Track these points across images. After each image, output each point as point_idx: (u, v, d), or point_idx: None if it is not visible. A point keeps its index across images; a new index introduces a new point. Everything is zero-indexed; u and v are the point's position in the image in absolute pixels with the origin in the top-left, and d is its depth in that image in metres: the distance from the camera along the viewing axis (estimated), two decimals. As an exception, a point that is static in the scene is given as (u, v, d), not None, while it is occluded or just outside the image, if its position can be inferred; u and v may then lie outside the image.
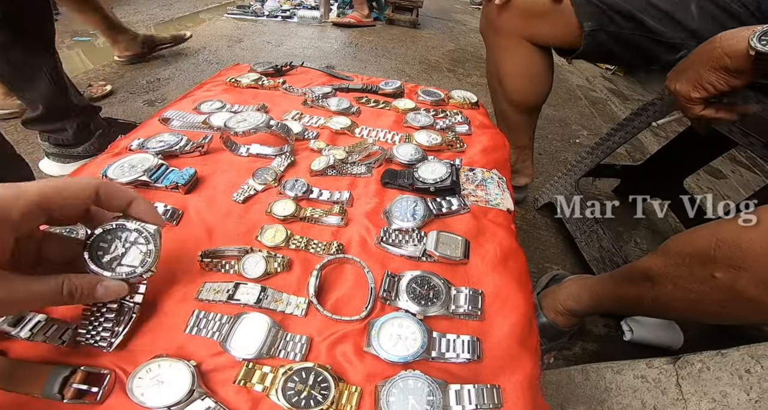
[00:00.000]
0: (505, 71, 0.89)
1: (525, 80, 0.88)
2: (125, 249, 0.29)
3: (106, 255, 0.29)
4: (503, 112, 0.97)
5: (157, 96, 1.40)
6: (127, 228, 0.29)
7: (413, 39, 2.51)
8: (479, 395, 0.30)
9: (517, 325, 0.37)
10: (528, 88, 0.89)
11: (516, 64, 0.87)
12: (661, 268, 0.53)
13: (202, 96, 0.61)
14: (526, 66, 0.86)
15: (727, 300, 0.45)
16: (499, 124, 0.99)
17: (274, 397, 0.29)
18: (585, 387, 0.64)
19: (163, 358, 0.29)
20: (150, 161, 0.42)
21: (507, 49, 0.86)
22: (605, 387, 0.62)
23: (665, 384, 0.55)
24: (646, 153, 1.62)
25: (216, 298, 0.33)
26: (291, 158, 0.49)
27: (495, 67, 0.91)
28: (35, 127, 0.95)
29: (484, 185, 0.52)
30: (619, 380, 0.61)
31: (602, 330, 0.88)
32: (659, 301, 0.54)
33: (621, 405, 0.58)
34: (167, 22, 2.26)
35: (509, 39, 0.83)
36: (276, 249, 0.38)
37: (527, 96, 0.90)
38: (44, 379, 0.27)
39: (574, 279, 0.76)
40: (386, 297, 0.36)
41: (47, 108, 0.89)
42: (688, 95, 0.54)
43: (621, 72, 2.56)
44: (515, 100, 0.92)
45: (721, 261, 0.44)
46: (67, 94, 0.92)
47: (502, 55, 0.88)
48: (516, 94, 0.90)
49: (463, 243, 0.41)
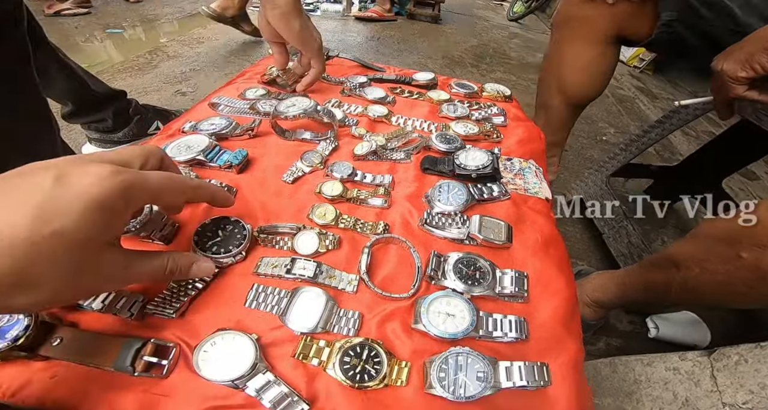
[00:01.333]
0: (570, 63, 0.87)
1: (589, 73, 0.86)
2: (224, 235, 0.36)
3: (209, 241, 0.35)
4: (549, 106, 0.95)
5: (188, 86, 1.44)
6: (229, 221, 0.36)
7: (435, 34, 2.50)
8: (529, 372, 0.31)
9: (560, 308, 0.38)
10: (588, 83, 0.87)
11: (584, 57, 0.85)
12: (689, 252, 0.54)
13: (244, 84, 0.63)
14: (596, 60, 0.84)
15: (754, 279, 0.46)
16: (538, 118, 0.98)
17: (332, 371, 0.29)
18: (612, 380, 0.64)
19: (227, 332, 0.30)
20: (205, 142, 0.44)
21: (578, 41, 0.84)
22: (634, 380, 0.61)
23: (699, 376, 0.54)
24: (675, 152, 1.58)
25: (274, 273, 0.35)
26: (335, 143, 0.51)
27: (557, 59, 0.89)
28: (75, 121, 0.99)
29: (522, 174, 0.52)
30: (650, 372, 0.60)
31: (627, 326, 0.87)
32: (687, 286, 0.55)
33: (651, 397, 0.58)
34: (194, 15, 2.31)
35: (587, 32, 0.81)
36: (326, 227, 0.40)
37: (586, 90, 0.88)
38: (116, 352, 0.27)
39: (600, 273, 0.76)
40: (433, 276, 0.37)
41: (75, 103, 0.93)
42: (734, 74, 0.53)
43: (650, 70, 2.49)
44: (571, 94, 0.89)
45: (746, 240, 0.46)
46: (87, 87, 0.94)
47: (570, 47, 0.85)
48: (575, 87, 0.88)
49: (506, 228, 0.42)
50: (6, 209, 0.20)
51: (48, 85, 0.86)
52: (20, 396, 0.27)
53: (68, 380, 0.27)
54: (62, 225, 0.20)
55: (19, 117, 0.69)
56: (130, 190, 0.23)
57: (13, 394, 0.27)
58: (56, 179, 0.21)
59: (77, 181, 0.21)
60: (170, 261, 0.28)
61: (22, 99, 0.69)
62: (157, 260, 0.28)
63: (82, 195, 0.21)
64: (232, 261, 0.35)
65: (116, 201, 0.22)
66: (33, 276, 0.20)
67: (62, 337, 0.28)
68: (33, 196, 0.20)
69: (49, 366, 0.28)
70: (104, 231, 0.23)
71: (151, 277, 0.28)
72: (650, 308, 0.87)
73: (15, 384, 0.27)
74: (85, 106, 0.95)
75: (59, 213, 0.20)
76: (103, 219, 0.22)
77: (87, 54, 1.60)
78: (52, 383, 0.27)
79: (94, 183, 0.21)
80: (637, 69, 2.52)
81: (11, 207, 0.20)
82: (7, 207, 0.20)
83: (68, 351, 0.28)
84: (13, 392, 0.27)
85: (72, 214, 0.21)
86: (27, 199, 0.20)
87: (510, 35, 2.85)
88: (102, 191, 0.22)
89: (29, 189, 0.20)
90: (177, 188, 0.28)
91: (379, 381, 0.29)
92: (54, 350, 0.28)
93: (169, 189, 0.26)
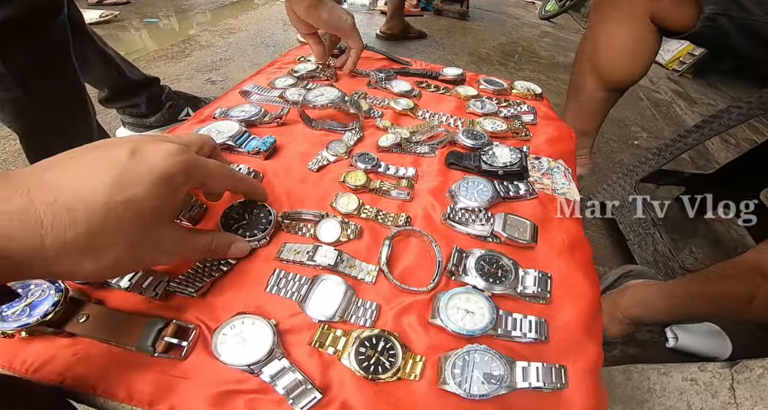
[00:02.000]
0: (606, 43, 0.81)
1: (622, 54, 0.80)
2: (250, 218, 0.36)
3: (235, 223, 0.36)
4: (582, 89, 0.89)
5: (218, 75, 1.47)
6: (256, 205, 0.37)
7: (462, 30, 2.45)
8: (546, 373, 0.30)
9: (583, 313, 0.37)
10: (625, 62, 0.81)
11: (621, 37, 0.79)
12: None
13: (274, 73, 0.64)
14: (637, 41, 0.78)
15: None
16: (568, 104, 0.92)
17: (346, 361, 0.29)
18: (625, 387, 0.62)
19: (246, 316, 0.30)
20: (235, 128, 0.45)
21: (615, 21, 0.78)
22: (648, 388, 0.59)
23: (717, 388, 0.52)
24: (711, 160, 1.50)
25: (297, 259, 0.35)
26: (360, 133, 0.51)
27: (593, 39, 0.83)
28: (112, 106, 1.04)
29: (550, 174, 0.51)
30: (665, 381, 0.58)
31: (644, 334, 0.84)
32: None
33: (663, 406, 0.56)
34: (225, 7, 2.36)
35: (630, 12, 0.76)
36: (348, 216, 0.40)
37: (622, 69, 0.82)
38: (139, 331, 0.28)
39: (641, 285, 0.70)
40: (453, 271, 0.36)
41: (111, 89, 0.96)
42: None
43: (690, 74, 2.37)
44: (606, 73, 0.83)
45: None
46: (123, 73, 0.97)
47: (607, 26, 0.80)
48: (610, 65, 0.82)
49: (531, 227, 0.41)
50: (87, 177, 0.21)
51: (86, 70, 0.89)
52: (42, 373, 0.27)
53: (89, 358, 0.28)
54: (135, 193, 0.22)
55: (58, 101, 0.72)
56: (191, 168, 0.25)
57: (36, 370, 0.27)
58: (132, 153, 0.23)
59: (150, 156, 0.23)
60: (215, 241, 0.30)
61: (60, 84, 0.72)
62: (203, 238, 0.30)
63: (153, 168, 0.23)
64: (257, 245, 0.36)
65: (179, 176, 0.25)
66: (101, 243, 0.22)
67: (89, 314, 0.29)
68: (112, 167, 0.22)
69: (73, 343, 0.28)
70: (168, 202, 0.25)
71: (197, 253, 0.30)
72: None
73: (39, 360, 0.27)
74: (121, 91, 0.99)
75: (133, 182, 0.22)
76: (168, 191, 0.24)
77: (125, 42, 1.67)
78: (74, 360, 0.28)
79: (164, 158, 0.24)
80: (676, 72, 2.40)
81: (92, 175, 0.22)
82: (88, 176, 0.22)
83: (93, 329, 0.28)
84: (36, 368, 0.27)
85: (143, 184, 0.23)
86: (106, 170, 0.22)
87: (541, 34, 2.76)
88: (169, 165, 0.24)
89: (108, 161, 0.22)
90: (225, 176, 0.30)
91: (393, 374, 0.29)
92: (80, 327, 0.28)
93: (219, 175, 0.29)
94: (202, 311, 0.31)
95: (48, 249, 0.20)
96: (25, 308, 0.27)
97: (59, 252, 0.20)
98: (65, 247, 0.20)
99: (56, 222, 0.20)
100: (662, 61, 2.46)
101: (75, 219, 0.20)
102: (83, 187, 0.21)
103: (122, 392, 0.27)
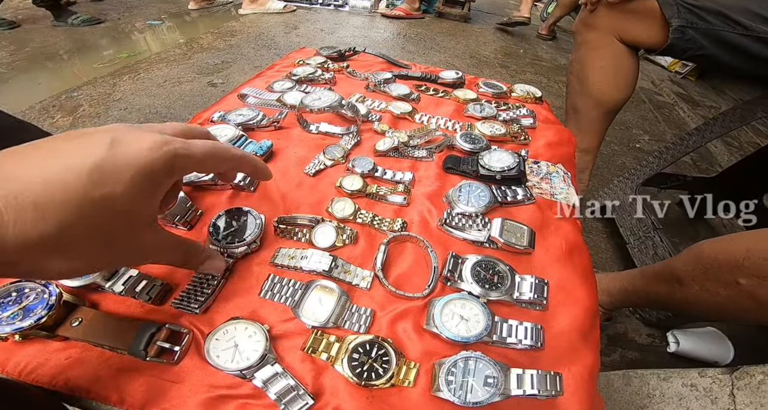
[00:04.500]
0: (592, 65, 0.88)
1: (610, 74, 0.87)
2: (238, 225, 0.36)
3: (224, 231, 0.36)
4: (578, 110, 0.95)
5: (219, 77, 1.48)
6: (242, 211, 0.37)
7: (464, 33, 2.46)
8: (541, 381, 0.30)
9: (579, 319, 0.36)
10: (612, 82, 0.87)
11: (604, 58, 0.86)
12: (691, 271, 0.56)
13: (273, 76, 0.64)
14: (614, 61, 0.85)
15: (751, 305, 0.48)
16: (569, 123, 0.97)
17: (339, 367, 0.29)
18: (624, 393, 0.62)
19: (240, 321, 0.30)
20: (232, 132, 0.45)
21: (597, 45, 0.86)
22: (647, 394, 0.59)
23: (717, 394, 0.52)
24: (714, 163, 1.49)
25: (290, 264, 0.35)
26: (357, 137, 0.51)
27: (580, 64, 0.91)
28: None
29: (548, 178, 0.51)
30: (665, 387, 0.58)
31: (645, 339, 0.83)
32: (688, 301, 0.57)
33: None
34: (228, 9, 2.37)
35: (600, 36, 0.84)
36: (344, 221, 0.40)
37: (610, 90, 0.88)
38: (132, 335, 0.28)
39: (603, 275, 0.78)
40: (449, 277, 0.36)
41: None
42: None
43: (693, 76, 2.35)
44: (596, 93, 0.90)
45: (748, 269, 0.47)
46: None
47: (591, 50, 0.87)
48: (600, 84, 0.88)
49: (528, 233, 0.41)
50: (59, 170, 0.20)
51: None
52: (35, 376, 0.27)
53: (82, 362, 0.28)
54: (112, 190, 0.20)
55: None
56: (176, 159, 0.23)
57: (30, 373, 0.27)
58: (111, 144, 0.21)
59: (131, 148, 0.22)
60: (190, 251, 0.30)
61: None
62: (181, 246, 0.29)
63: (134, 161, 0.21)
64: (247, 250, 0.35)
65: (161, 170, 0.23)
66: (73, 241, 0.20)
67: (82, 318, 0.29)
68: (87, 159, 0.20)
69: (66, 347, 0.29)
70: (149, 199, 0.23)
71: (169, 261, 0.29)
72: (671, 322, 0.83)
73: (33, 363, 0.28)
74: None
75: (111, 178, 0.20)
76: (149, 187, 0.22)
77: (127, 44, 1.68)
78: (67, 364, 0.28)
79: (147, 150, 0.22)
80: (678, 74, 2.38)
81: (64, 168, 0.20)
82: (59, 168, 0.20)
83: (86, 332, 0.28)
84: (29, 371, 0.27)
85: (123, 179, 0.21)
86: (81, 162, 0.20)
87: (543, 36, 2.75)
88: (153, 159, 0.22)
89: (83, 151, 0.21)
90: (220, 156, 0.27)
91: (386, 381, 0.29)
92: (73, 331, 0.28)
93: (212, 156, 0.26)
94: (195, 316, 0.31)
95: (6, 248, 0.18)
96: (19, 312, 0.27)
97: (21, 251, 0.18)
98: (29, 246, 0.18)
99: (19, 219, 0.18)
100: (665, 63, 2.45)
101: (43, 216, 0.18)
102: (54, 180, 0.19)
103: (115, 395, 0.27)
